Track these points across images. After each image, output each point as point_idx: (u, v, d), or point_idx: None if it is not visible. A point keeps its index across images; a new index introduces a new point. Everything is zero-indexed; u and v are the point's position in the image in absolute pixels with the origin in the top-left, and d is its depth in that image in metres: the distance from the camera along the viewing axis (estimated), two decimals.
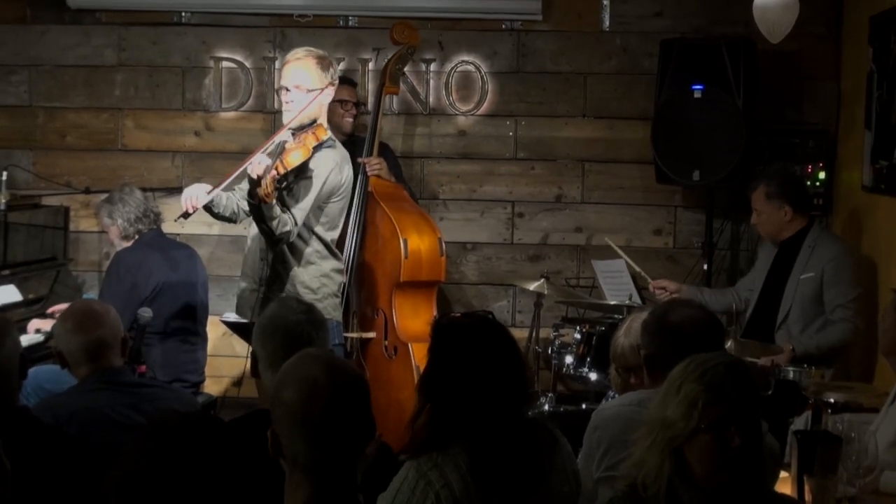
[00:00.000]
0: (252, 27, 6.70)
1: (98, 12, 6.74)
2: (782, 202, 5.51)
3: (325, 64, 4.88)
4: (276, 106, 6.68)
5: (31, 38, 6.77)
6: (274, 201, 4.55)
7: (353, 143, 5.84)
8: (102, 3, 6.70)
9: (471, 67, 6.61)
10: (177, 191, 6.61)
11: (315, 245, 4.89)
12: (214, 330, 6.21)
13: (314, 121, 4.86)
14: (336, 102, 5.86)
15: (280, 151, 4.65)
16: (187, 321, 5.67)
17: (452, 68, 6.60)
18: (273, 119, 6.67)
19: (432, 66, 6.61)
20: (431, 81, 6.62)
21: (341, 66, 6.60)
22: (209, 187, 4.74)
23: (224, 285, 6.75)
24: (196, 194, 4.68)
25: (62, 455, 3.07)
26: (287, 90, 4.81)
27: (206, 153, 6.77)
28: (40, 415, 3.31)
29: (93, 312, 3.70)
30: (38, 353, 5.33)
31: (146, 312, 5.00)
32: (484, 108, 6.63)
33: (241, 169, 4.69)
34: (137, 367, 4.47)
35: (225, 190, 4.89)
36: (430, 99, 6.64)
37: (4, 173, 5.89)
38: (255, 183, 4.50)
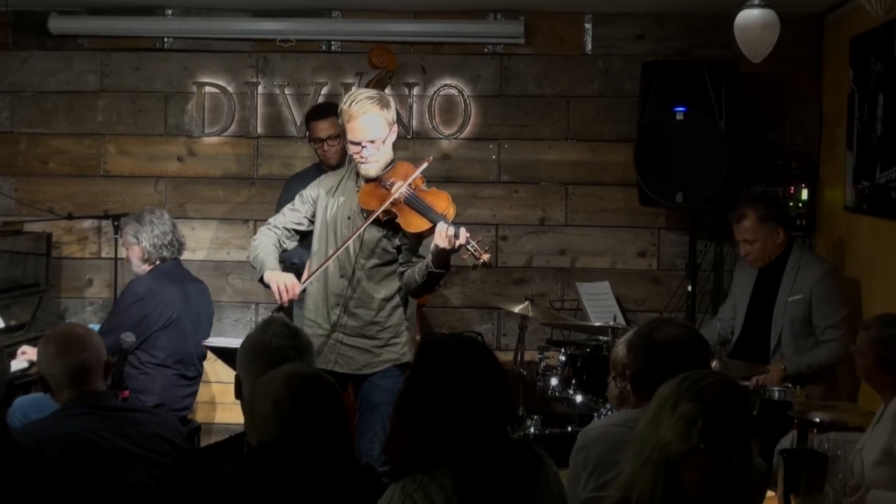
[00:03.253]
0: (234, 52, 6.70)
1: (80, 38, 6.74)
2: (776, 224, 5.51)
3: (385, 103, 4.73)
4: (258, 131, 6.69)
5: (13, 64, 6.76)
6: None
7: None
8: (85, 28, 6.69)
9: (454, 91, 6.62)
10: None
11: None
12: None
13: (389, 161, 4.79)
14: (313, 141, 5.86)
15: (427, 208, 4.60)
16: (189, 357, 5.58)
17: (435, 92, 6.61)
18: (256, 144, 6.67)
19: (415, 90, 6.61)
20: (414, 105, 6.63)
21: (323, 90, 6.61)
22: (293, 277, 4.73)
23: None
24: (287, 283, 4.66)
25: (45, 480, 3.04)
26: (362, 146, 4.68)
27: (189, 178, 6.76)
28: (23, 440, 3.27)
29: (76, 336, 3.66)
30: (21, 379, 5.31)
31: (129, 337, 4.97)
32: (467, 132, 6.64)
33: (353, 237, 4.69)
34: (120, 392, 4.44)
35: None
36: (414, 122, 6.64)
37: None
38: (449, 252, 4.47)
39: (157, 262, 5.57)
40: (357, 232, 4.66)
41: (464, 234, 4.46)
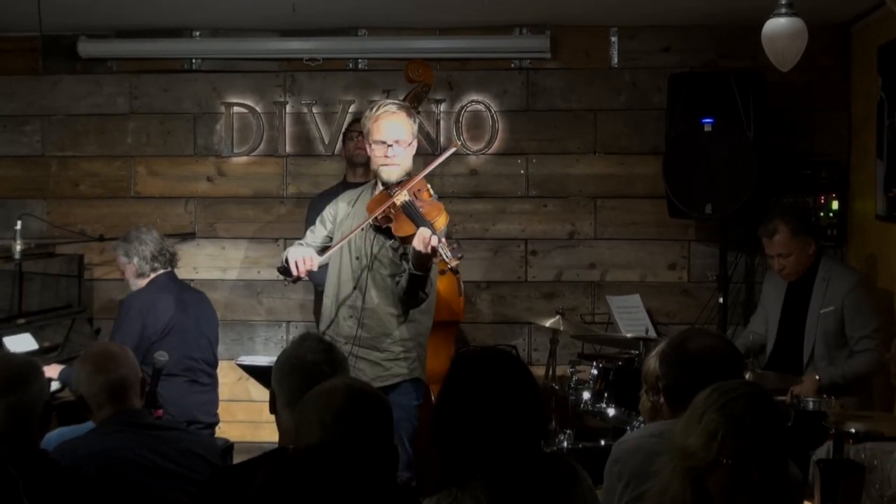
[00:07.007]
0: (262, 72, 6.74)
1: (109, 61, 6.80)
2: (808, 237, 5.47)
3: (411, 113, 4.83)
4: (287, 150, 6.71)
5: (43, 89, 6.82)
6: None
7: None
8: (113, 52, 6.76)
9: (481, 107, 6.63)
10: (189, 236, 6.66)
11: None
12: (230, 374, 6.21)
13: (408, 172, 4.83)
14: (348, 134, 5.99)
15: (419, 216, 4.60)
16: (198, 362, 5.65)
17: (462, 108, 6.62)
18: (284, 163, 6.70)
19: (442, 107, 6.63)
20: (442, 121, 6.64)
21: (351, 108, 6.64)
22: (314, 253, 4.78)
23: (238, 329, 6.76)
24: (305, 256, 4.71)
25: (81, 497, 3.06)
26: (388, 146, 4.72)
27: (218, 198, 6.79)
28: (59, 457, 3.29)
29: (112, 353, 3.69)
30: (55, 400, 5.32)
31: (162, 356, 4.99)
32: (495, 147, 6.65)
33: (352, 232, 4.73)
34: (154, 412, 4.45)
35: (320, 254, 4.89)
36: (441, 139, 6.65)
37: (19, 223, 5.91)
38: (426, 256, 4.49)
39: (152, 276, 5.66)
40: (355, 229, 4.73)
41: (437, 240, 4.48)
